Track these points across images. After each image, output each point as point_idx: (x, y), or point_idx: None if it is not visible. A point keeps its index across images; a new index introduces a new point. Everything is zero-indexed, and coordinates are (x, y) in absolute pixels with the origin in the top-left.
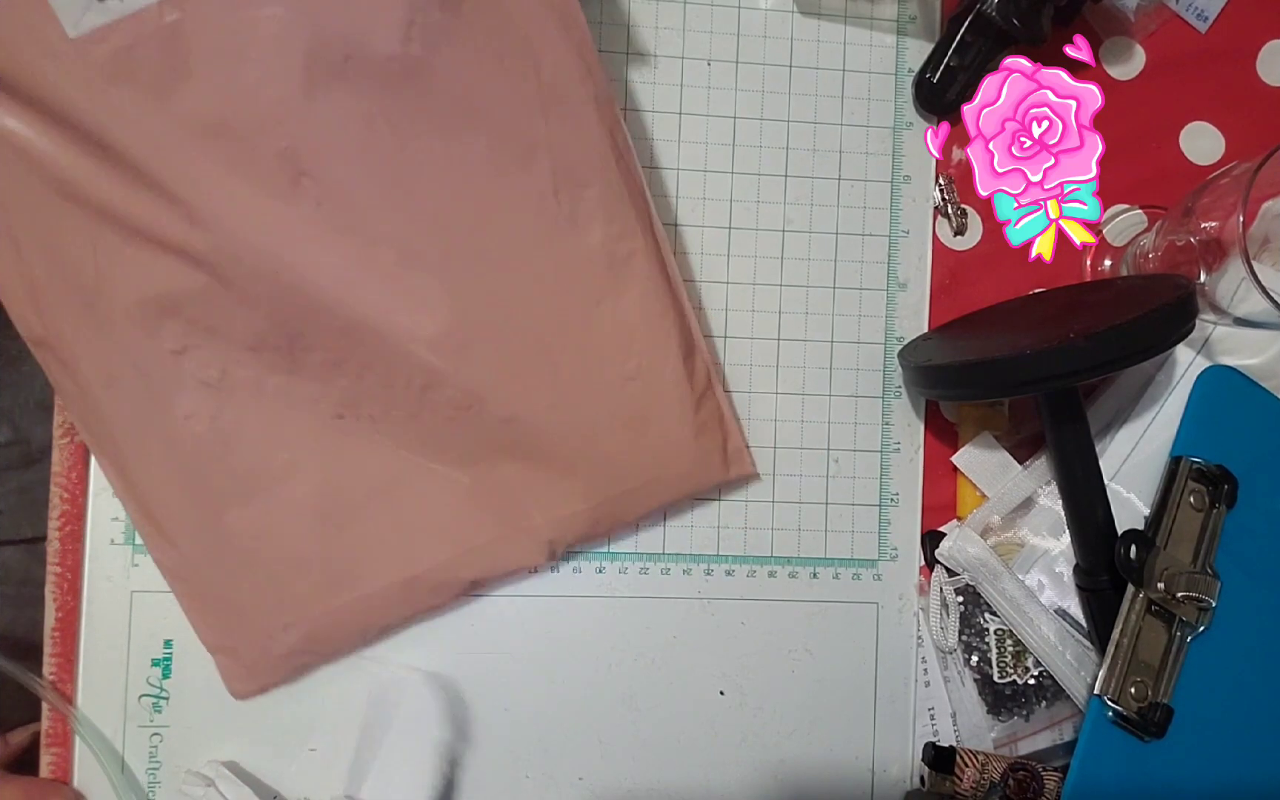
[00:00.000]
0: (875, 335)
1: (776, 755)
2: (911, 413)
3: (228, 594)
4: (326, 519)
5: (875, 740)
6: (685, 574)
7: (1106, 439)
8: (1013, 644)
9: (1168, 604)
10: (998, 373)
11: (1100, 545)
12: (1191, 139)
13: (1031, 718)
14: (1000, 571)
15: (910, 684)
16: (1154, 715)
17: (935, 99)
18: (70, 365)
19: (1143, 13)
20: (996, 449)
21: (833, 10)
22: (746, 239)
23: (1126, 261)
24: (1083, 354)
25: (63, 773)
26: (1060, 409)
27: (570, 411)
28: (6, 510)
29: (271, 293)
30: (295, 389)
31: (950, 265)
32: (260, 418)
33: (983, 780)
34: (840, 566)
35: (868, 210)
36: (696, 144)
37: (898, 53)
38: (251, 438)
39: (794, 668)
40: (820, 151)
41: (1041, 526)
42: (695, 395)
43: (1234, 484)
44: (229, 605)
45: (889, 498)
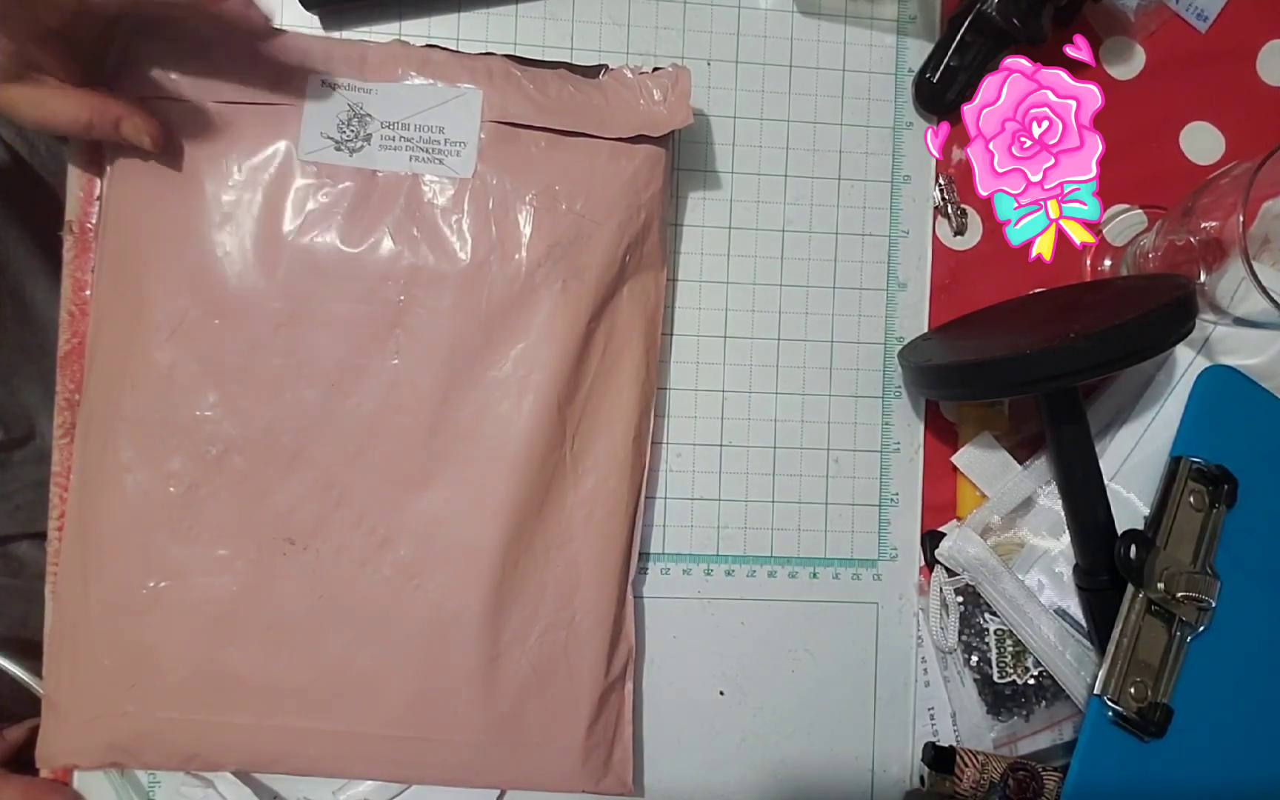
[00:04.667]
0: (875, 335)
1: (776, 755)
2: (911, 413)
3: (96, 657)
4: (222, 631)
5: (875, 740)
6: (685, 574)
7: (1106, 439)
8: (1013, 644)
9: (1168, 604)
10: (998, 373)
11: (1100, 545)
12: (1191, 139)
13: (1031, 718)
14: (1000, 571)
15: (910, 684)
16: (1154, 715)
17: (935, 99)
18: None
19: (1143, 13)
20: (996, 449)
21: (833, 10)
22: (746, 239)
23: (1126, 261)
24: (1083, 354)
25: (62, 772)
26: (1060, 409)
27: (494, 630)
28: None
29: (303, 394)
30: (274, 494)
31: (950, 265)
32: (227, 507)
33: (983, 780)
34: (840, 566)
35: (868, 210)
36: (698, 144)
37: (898, 53)
38: (209, 521)
39: (794, 668)
40: (820, 151)
41: (1041, 526)
42: (607, 680)
43: (1234, 484)
44: (89, 667)
45: (889, 498)
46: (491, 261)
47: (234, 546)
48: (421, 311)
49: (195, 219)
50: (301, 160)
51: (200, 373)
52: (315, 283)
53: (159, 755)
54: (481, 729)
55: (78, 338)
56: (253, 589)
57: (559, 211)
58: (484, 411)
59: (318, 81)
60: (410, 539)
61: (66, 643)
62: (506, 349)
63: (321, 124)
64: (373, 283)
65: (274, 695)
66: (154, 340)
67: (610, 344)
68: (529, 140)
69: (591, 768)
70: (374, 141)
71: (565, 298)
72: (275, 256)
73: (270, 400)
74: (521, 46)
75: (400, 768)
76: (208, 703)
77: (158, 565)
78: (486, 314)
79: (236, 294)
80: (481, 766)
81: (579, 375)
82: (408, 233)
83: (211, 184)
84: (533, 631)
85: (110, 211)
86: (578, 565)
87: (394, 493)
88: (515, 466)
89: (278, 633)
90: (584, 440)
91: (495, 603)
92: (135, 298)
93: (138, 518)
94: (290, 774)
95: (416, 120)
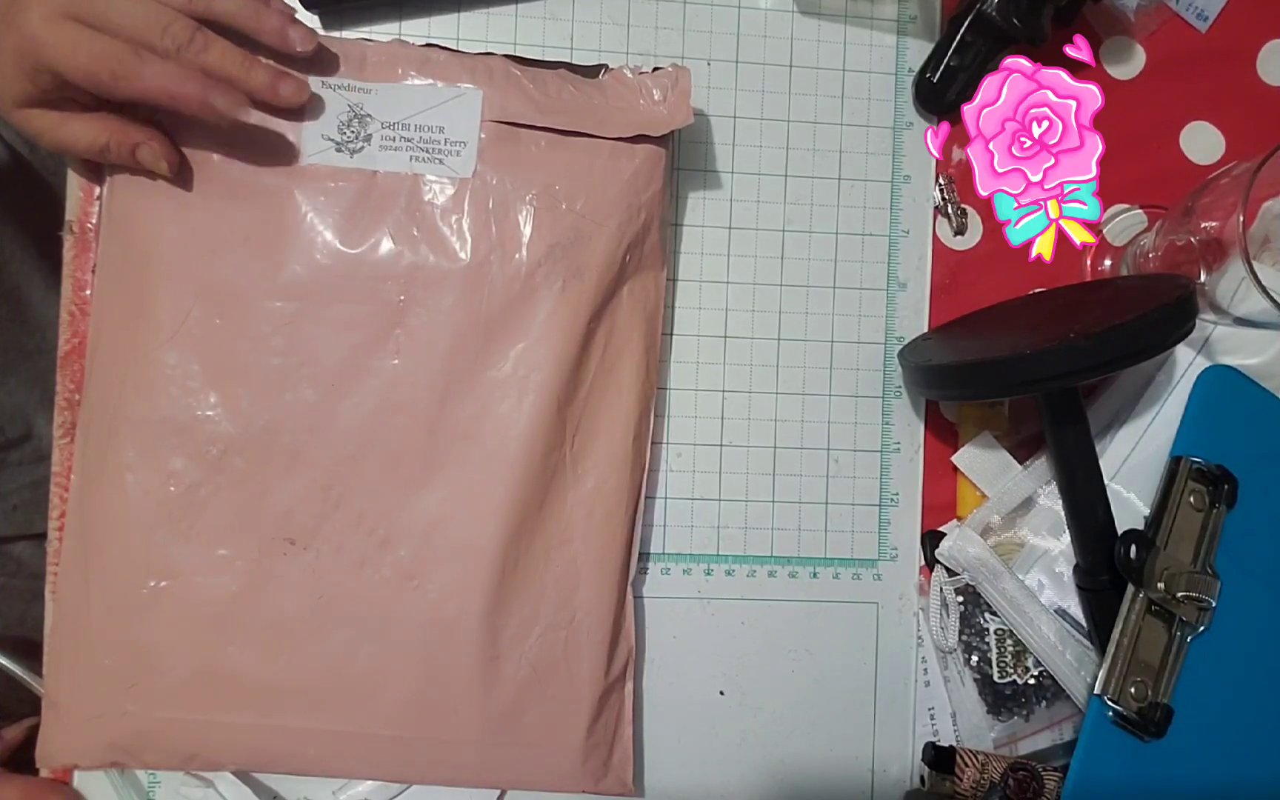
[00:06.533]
0: (875, 335)
1: (776, 755)
2: (911, 413)
3: (97, 656)
4: (221, 631)
5: (875, 740)
6: (685, 574)
7: (1106, 439)
8: (1013, 644)
9: (1168, 604)
10: (998, 373)
11: (1100, 545)
12: (1191, 139)
13: (1031, 718)
14: (1000, 571)
15: (910, 684)
16: (1154, 715)
17: (935, 99)
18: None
19: (1143, 13)
20: (996, 449)
21: (833, 10)
22: (746, 239)
23: (1126, 261)
24: (1083, 354)
25: (62, 772)
26: (1060, 409)
27: (494, 630)
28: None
29: (303, 394)
30: (274, 494)
31: (950, 265)
32: (228, 507)
33: (983, 780)
34: (840, 566)
35: (868, 210)
36: (698, 144)
37: (898, 53)
38: (208, 522)
39: (794, 668)
40: (820, 151)
41: (1041, 526)
42: (607, 680)
43: (1234, 484)
44: (90, 667)
45: (889, 498)
46: (491, 261)
47: (234, 546)
48: (421, 311)
49: (196, 220)
50: (303, 162)
51: (201, 373)
52: (316, 283)
53: (159, 755)
54: (481, 729)
55: (78, 338)
56: (253, 589)
57: (559, 211)
58: (484, 411)
59: (318, 82)
60: (410, 539)
61: (67, 642)
62: (506, 349)
63: (322, 125)
64: (373, 283)
65: (274, 695)
66: (155, 340)
67: (610, 344)
68: (529, 140)
69: (591, 768)
70: (374, 142)
71: (565, 298)
72: (276, 257)
73: (271, 400)
74: (521, 46)
75: (400, 768)
76: (208, 702)
77: (158, 565)
78: (486, 314)
79: (237, 294)
80: (481, 766)
81: (579, 375)
82: (408, 233)
83: (212, 185)
84: (533, 631)
85: (110, 211)
86: (578, 565)
87: (394, 493)
88: (515, 466)
89: (278, 633)
90: (584, 440)
91: (495, 603)
92: (136, 298)
93: (138, 517)
94: (290, 774)
95: (416, 120)
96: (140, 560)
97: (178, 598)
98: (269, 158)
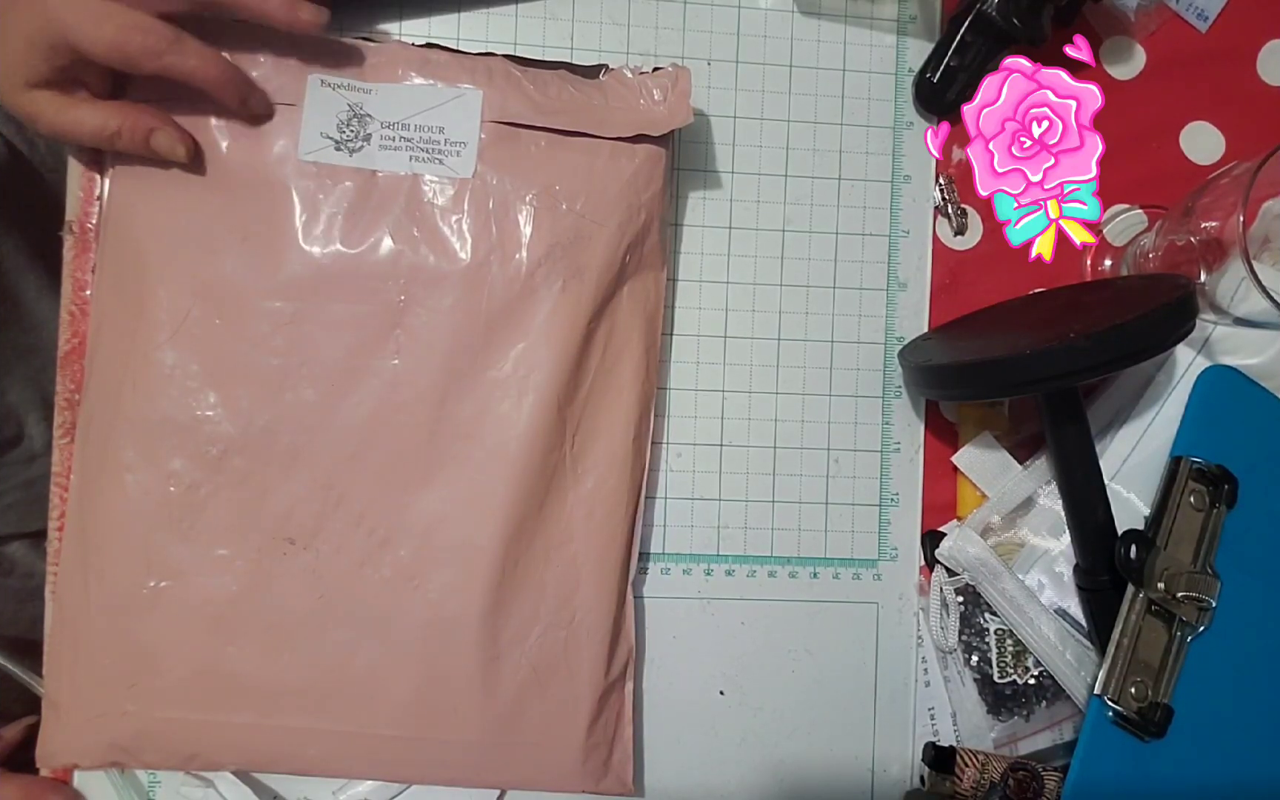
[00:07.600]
0: (875, 335)
1: (776, 755)
2: (911, 413)
3: (96, 656)
4: (221, 631)
5: (875, 740)
6: (685, 574)
7: (1106, 439)
8: (1013, 644)
9: (1168, 604)
10: (998, 373)
11: (1100, 545)
12: (1191, 139)
13: (1031, 718)
14: (1000, 571)
15: (910, 684)
16: (1154, 715)
17: (935, 99)
18: (96, 376)
19: (1143, 13)
20: (996, 449)
21: (833, 10)
22: (747, 239)
23: (1126, 261)
24: (1083, 354)
25: (62, 772)
26: (1060, 409)
27: (494, 630)
28: (13, 505)
29: (303, 394)
30: (274, 494)
31: (950, 265)
32: (228, 507)
33: (983, 780)
34: (840, 566)
35: (868, 210)
36: (698, 144)
37: (898, 53)
38: (208, 522)
39: (794, 668)
40: (820, 151)
41: (1041, 526)
42: (607, 680)
43: (1234, 484)
44: (90, 667)
45: (889, 498)
46: (491, 261)
47: (234, 546)
48: (421, 311)
49: (194, 219)
50: (301, 160)
51: (201, 373)
52: (315, 283)
53: (159, 755)
54: (481, 729)
55: (78, 338)
56: (253, 589)
57: (559, 211)
58: (484, 411)
59: (317, 81)
60: (410, 539)
61: (67, 642)
62: (506, 349)
63: (321, 124)
64: (373, 283)
65: (274, 695)
66: (155, 340)
67: (610, 344)
68: (529, 140)
69: (591, 768)
70: (374, 141)
71: (565, 298)
72: (276, 257)
73: (270, 400)
74: (521, 46)
75: (400, 768)
76: (208, 702)
77: (158, 565)
78: (486, 314)
79: (237, 294)
80: (481, 766)
81: (579, 375)
82: (408, 233)
83: (212, 184)
84: (533, 631)
85: (110, 211)
86: (578, 565)
87: (394, 493)
88: (515, 466)
89: (278, 633)
90: (584, 440)
91: (495, 603)
92: (136, 298)
93: (138, 517)
94: (290, 774)
95: (416, 120)
96: (140, 560)
97: (178, 598)
98: (268, 156)
